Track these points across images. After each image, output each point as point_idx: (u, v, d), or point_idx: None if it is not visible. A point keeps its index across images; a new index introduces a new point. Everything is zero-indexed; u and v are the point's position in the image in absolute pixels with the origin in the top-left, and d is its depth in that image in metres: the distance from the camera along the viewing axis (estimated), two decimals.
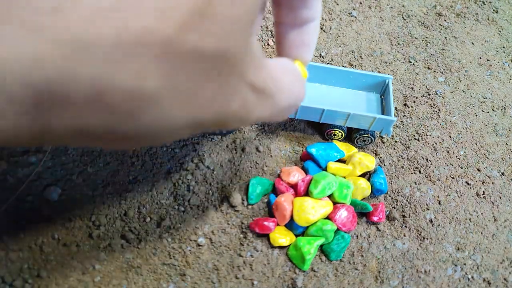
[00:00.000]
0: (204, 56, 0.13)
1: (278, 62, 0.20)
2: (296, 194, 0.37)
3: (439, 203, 0.40)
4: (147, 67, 0.12)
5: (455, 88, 0.51)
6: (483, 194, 0.42)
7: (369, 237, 0.37)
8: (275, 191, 0.38)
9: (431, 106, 0.48)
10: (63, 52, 0.10)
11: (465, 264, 0.37)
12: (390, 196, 0.40)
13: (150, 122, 0.13)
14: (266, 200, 0.38)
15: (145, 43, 0.11)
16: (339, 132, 0.41)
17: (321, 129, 0.43)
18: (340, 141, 0.43)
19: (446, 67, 0.53)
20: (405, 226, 0.38)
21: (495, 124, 0.48)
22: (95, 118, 0.12)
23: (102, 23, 0.10)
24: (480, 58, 0.55)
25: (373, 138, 0.41)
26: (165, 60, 0.12)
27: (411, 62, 0.52)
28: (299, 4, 0.22)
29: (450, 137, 0.46)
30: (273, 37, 0.51)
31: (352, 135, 0.42)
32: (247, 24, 0.14)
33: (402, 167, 0.42)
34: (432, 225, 0.39)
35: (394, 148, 0.44)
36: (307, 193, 0.36)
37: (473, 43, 0.56)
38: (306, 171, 0.38)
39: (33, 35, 0.10)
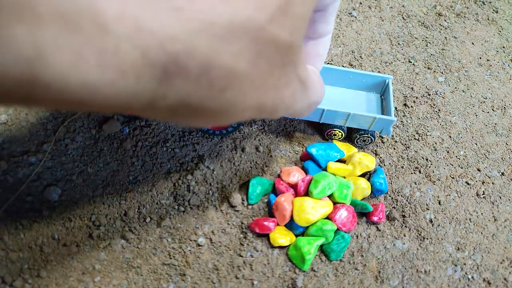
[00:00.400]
0: (279, 47, 0.15)
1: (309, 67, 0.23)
2: (296, 194, 0.37)
3: (439, 203, 0.40)
4: (243, 50, 0.14)
5: (455, 88, 0.51)
6: (483, 194, 0.42)
7: (369, 237, 0.37)
8: (275, 191, 0.38)
9: (431, 106, 0.48)
10: (191, 29, 0.13)
11: (465, 264, 0.37)
12: (390, 196, 0.40)
13: (231, 100, 0.16)
14: (266, 200, 0.38)
15: (246, 29, 0.14)
16: (339, 132, 0.41)
17: (321, 129, 0.43)
18: (340, 141, 0.43)
19: (446, 67, 0.53)
20: (405, 226, 0.38)
21: (495, 124, 0.48)
22: (197, 91, 0.14)
23: (221, 9, 0.13)
24: (480, 58, 0.55)
25: (373, 138, 0.41)
26: (255, 45, 0.15)
27: (411, 62, 0.52)
28: (319, 19, 0.24)
29: (450, 137, 0.46)
30: None
31: (352, 135, 0.42)
32: (307, 22, 0.17)
33: (402, 167, 0.42)
34: (432, 225, 0.39)
35: (394, 148, 0.44)
36: (307, 193, 0.36)
37: (473, 43, 0.56)
38: (306, 171, 0.38)
39: (173, 14, 0.12)
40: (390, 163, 0.42)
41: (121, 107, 0.14)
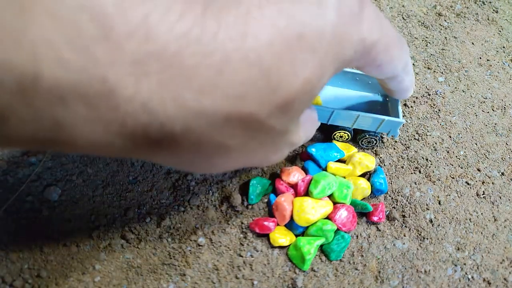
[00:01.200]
0: (272, 134, 0.18)
1: (305, 113, 0.25)
2: (296, 194, 0.37)
3: (439, 203, 0.40)
4: (237, 134, 0.16)
5: (455, 88, 0.51)
6: (483, 194, 0.42)
7: (369, 237, 0.37)
8: (275, 191, 0.38)
9: (431, 106, 0.48)
10: (189, 115, 0.14)
11: (465, 264, 0.37)
12: (390, 196, 0.40)
13: (217, 163, 0.18)
14: (266, 200, 0.38)
15: (244, 121, 0.15)
16: (346, 134, 0.41)
17: (322, 129, 0.43)
18: (343, 142, 0.43)
19: (446, 67, 0.53)
20: (405, 226, 0.38)
21: (495, 124, 0.48)
22: (187, 155, 0.16)
23: (224, 103, 0.14)
24: (480, 58, 0.55)
25: (378, 140, 0.41)
26: (250, 132, 0.16)
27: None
28: (395, 84, 0.29)
29: (450, 137, 0.46)
30: None
31: (357, 137, 0.42)
32: (303, 111, 0.19)
33: (402, 167, 0.42)
34: (432, 225, 0.39)
35: (394, 148, 0.44)
36: (307, 193, 0.36)
37: (473, 43, 0.57)
38: (306, 171, 0.38)
39: (176, 103, 0.14)
40: (390, 163, 0.42)
41: (114, 155, 0.16)
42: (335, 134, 0.41)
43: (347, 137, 0.42)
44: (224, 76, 0.14)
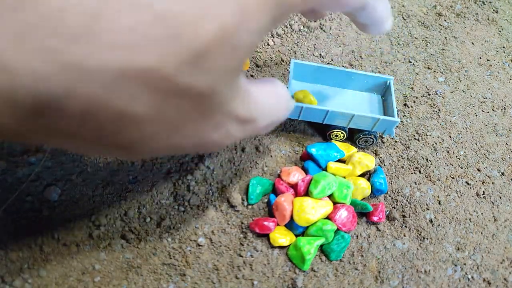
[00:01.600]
0: (194, 95, 0.14)
1: (263, 86, 0.22)
2: (296, 194, 0.37)
3: (439, 203, 0.40)
4: (140, 96, 0.13)
5: (455, 88, 0.51)
6: (483, 194, 0.42)
7: (369, 237, 0.37)
8: (275, 191, 0.38)
9: (431, 106, 0.48)
10: (67, 73, 0.12)
11: (465, 264, 0.37)
12: (390, 196, 0.40)
13: (132, 140, 0.15)
14: (266, 200, 0.38)
15: (144, 79, 0.13)
16: (341, 133, 0.41)
17: (321, 130, 0.43)
18: (340, 141, 0.43)
19: (446, 67, 0.53)
20: (405, 226, 0.38)
21: (495, 124, 0.48)
22: (86, 130, 0.14)
23: (110, 56, 0.12)
24: (480, 58, 0.55)
25: (375, 139, 0.41)
26: (158, 93, 0.13)
27: (411, 62, 0.52)
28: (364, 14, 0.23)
29: (450, 137, 0.46)
30: (273, 37, 0.51)
31: (354, 136, 0.42)
32: (237, 70, 0.16)
33: (402, 167, 0.42)
34: (432, 225, 0.39)
35: (394, 148, 0.44)
36: (307, 193, 0.36)
37: (473, 43, 0.57)
38: (306, 171, 0.38)
39: (47, 55, 0.11)
40: (390, 163, 0.42)
41: (17, 136, 0.14)
42: (330, 133, 0.41)
43: (342, 136, 0.42)
44: (103, 20, 0.11)
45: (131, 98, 0.13)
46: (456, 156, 0.44)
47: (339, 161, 0.40)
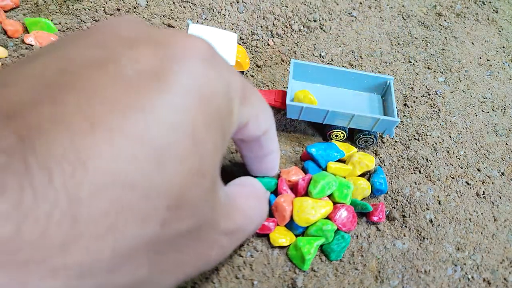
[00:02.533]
0: (183, 234, 0.15)
1: (242, 189, 0.24)
2: (296, 193, 0.37)
3: (439, 203, 0.40)
4: (140, 263, 0.14)
5: (455, 88, 0.51)
6: (483, 194, 0.42)
7: (369, 237, 0.37)
8: (276, 191, 0.38)
9: (431, 106, 0.48)
10: (71, 283, 0.12)
11: (465, 264, 0.37)
12: (390, 196, 0.40)
13: None
14: None
15: (134, 249, 0.13)
16: (341, 133, 0.41)
17: (321, 130, 0.43)
18: (340, 141, 0.43)
19: (446, 67, 0.53)
20: (405, 226, 0.38)
21: (495, 124, 0.48)
22: None
23: (98, 247, 0.12)
24: (480, 58, 0.55)
25: (375, 140, 0.41)
26: (152, 252, 0.14)
27: (411, 62, 0.52)
28: (257, 147, 0.25)
29: (450, 137, 0.46)
30: (273, 37, 0.51)
31: (354, 136, 0.42)
32: (212, 193, 0.17)
33: (402, 167, 0.42)
34: (432, 225, 0.39)
35: (394, 148, 0.44)
36: (306, 193, 0.36)
37: (473, 43, 0.57)
38: (306, 171, 0.38)
39: (49, 276, 0.11)
40: (390, 163, 0.42)
41: None
42: (331, 133, 0.41)
43: (342, 136, 0.42)
44: (81, 223, 0.11)
45: (133, 269, 0.14)
46: (456, 156, 0.44)
47: (339, 161, 0.40)
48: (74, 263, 0.11)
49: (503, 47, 0.57)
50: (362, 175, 0.40)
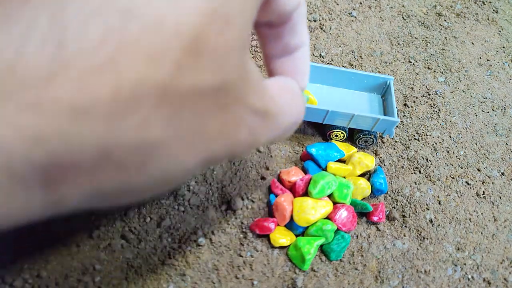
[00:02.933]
0: (204, 93, 0.13)
1: (276, 82, 0.20)
2: (295, 194, 0.37)
3: (439, 203, 0.40)
4: (148, 116, 0.11)
5: (455, 88, 0.51)
6: (483, 194, 0.42)
7: (369, 237, 0.37)
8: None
9: (431, 106, 0.48)
10: (62, 122, 0.10)
11: (465, 264, 0.37)
12: (390, 196, 0.40)
13: (161, 170, 0.13)
14: (266, 200, 0.38)
15: (141, 94, 0.11)
16: (341, 133, 0.41)
17: (321, 129, 0.43)
18: (340, 141, 0.43)
19: (446, 67, 0.53)
20: (405, 226, 0.38)
21: (495, 124, 0.48)
22: (105, 177, 0.12)
23: (95, 82, 0.10)
24: (480, 58, 0.55)
25: (375, 139, 0.41)
26: (165, 105, 0.12)
27: (411, 62, 0.52)
28: (286, 32, 0.21)
29: (450, 137, 0.46)
30: None
31: (354, 136, 0.42)
32: (240, 51, 0.14)
33: (402, 167, 0.42)
34: (432, 225, 0.39)
35: (394, 148, 0.44)
36: (306, 193, 0.36)
37: (473, 43, 0.57)
38: (306, 171, 0.38)
39: (30, 111, 0.09)
40: (390, 163, 0.42)
41: (19, 221, 0.11)
42: (331, 133, 0.41)
43: (342, 136, 0.42)
44: (68, 49, 0.10)
45: (139, 122, 0.11)
46: (456, 156, 0.44)
47: (339, 161, 0.40)
48: (64, 99, 0.10)
49: (503, 47, 0.57)
50: (362, 175, 0.40)
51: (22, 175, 0.10)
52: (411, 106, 0.48)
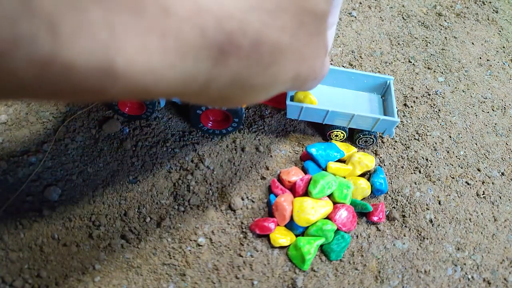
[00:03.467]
0: (317, 15, 0.16)
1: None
2: (295, 193, 0.37)
3: (439, 203, 0.40)
4: (288, 22, 0.14)
5: (455, 88, 0.51)
6: (483, 194, 0.42)
7: (369, 237, 0.37)
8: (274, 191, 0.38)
9: (431, 106, 0.48)
10: (246, 6, 0.13)
11: (465, 264, 0.37)
12: (390, 196, 0.40)
13: (275, 74, 0.16)
14: (266, 200, 0.38)
15: (285, 6, 0.14)
16: (341, 133, 0.41)
17: (321, 129, 0.43)
18: (340, 141, 0.43)
19: (446, 67, 0.53)
20: (405, 226, 0.38)
21: (495, 124, 0.48)
22: (247, 68, 0.14)
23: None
24: (480, 58, 0.55)
25: (375, 139, 0.41)
26: (298, 16, 0.15)
27: (411, 62, 0.52)
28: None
29: (450, 137, 0.46)
30: None
31: (354, 136, 0.42)
32: None
33: (402, 167, 0.42)
34: (432, 225, 0.39)
35: (394, 148, 0.44)
36: (306, 193, 0.36)
37: (473, 43, 0.57)
38: (306, 171, 0.38)
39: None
40: (390, 163, 0.42)
41: (178, 92, 0.14)
42: (331, 133, 0.41)
43: (342, 136, 0.42)
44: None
45: (283, 26, 0.14)
46: (456, 156, 0.44)
47: (339, 161, 0.40)
48: (175, 28, 0.12)
49: (503, 47, 0.57)
50: (362, 175, 0.40)
51: (209, 42, 0.13)
52: (411, 106, 0.48)
